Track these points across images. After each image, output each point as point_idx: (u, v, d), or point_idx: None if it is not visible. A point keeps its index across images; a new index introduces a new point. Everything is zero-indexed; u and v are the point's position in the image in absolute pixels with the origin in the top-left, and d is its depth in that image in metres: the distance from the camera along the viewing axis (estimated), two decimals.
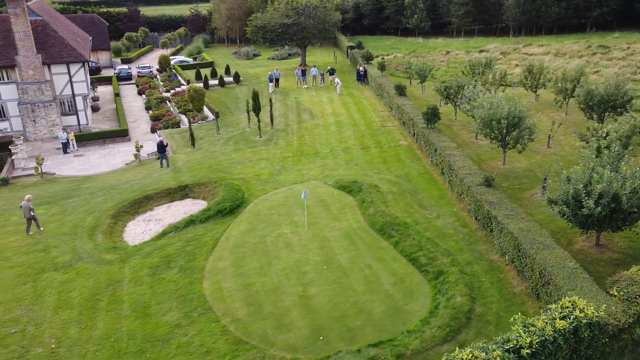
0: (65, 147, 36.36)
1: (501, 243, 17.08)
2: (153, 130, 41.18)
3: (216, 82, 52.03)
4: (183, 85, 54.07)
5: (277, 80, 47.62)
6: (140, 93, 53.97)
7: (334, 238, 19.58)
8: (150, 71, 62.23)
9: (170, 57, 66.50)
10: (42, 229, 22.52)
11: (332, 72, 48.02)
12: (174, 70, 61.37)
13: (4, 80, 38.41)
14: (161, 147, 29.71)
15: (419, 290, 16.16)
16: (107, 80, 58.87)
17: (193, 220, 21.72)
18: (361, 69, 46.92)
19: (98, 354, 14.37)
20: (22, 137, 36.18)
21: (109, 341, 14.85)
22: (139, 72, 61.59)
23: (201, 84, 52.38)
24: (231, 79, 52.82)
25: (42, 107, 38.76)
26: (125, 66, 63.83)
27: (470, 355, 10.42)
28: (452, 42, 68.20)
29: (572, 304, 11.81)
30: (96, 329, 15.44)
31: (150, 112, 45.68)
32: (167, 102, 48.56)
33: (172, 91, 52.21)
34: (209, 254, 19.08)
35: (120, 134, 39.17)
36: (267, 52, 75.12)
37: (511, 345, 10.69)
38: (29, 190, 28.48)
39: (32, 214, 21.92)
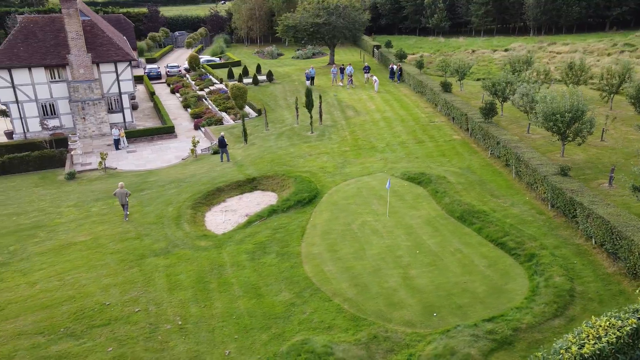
0: (117, 143, 37.37)
1: (587, 228, 18.09)
2: (196, 127, 42.20)
3: (249, 80, 53.05)
4: (216, 83, 55.09)
5: (312, 78, 48.62)
6: (173, 91, 55.03)
7: (417, 225, 20.60)
8: (179, 70, 63.24)
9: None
10: (127, 219, 23.58)
11: (367, 69, 49.12)
12: (203, 70, 62.41)
13: (55, 78, 39.38)
14: (222, 143, 30.72)
15: (514, 271, 17.17)
16: (138, 80, 59.85)
17: (275, 210, 22.74)
18: (395, 67, 47.93)
19: (225, 330, 15.38)
20: (77, 134, 37.26)
21: (231, 318, 15.86)
22: (167, 71, 62.59)
23: (235, 82, 53.50)
24: (264, 77, 53.85)
25: (92, 104, 39.74)
26: (155, 65, 64.93)
27: (607, 322, 11.43)
28: (473, 41, 69.24)
29: None
30: (215, 308, 16.45)
31: (189, 109, 46.72)
32: (203, 100, 49.58)
33: (206, 90, 53.21)
34: (300, 241, 20.09)
35: (167, 131, 40.17)
36: (289, 52, 76.14)
37: None
38: (96, 183, 29.54)
39: (127, 199, 23.10)
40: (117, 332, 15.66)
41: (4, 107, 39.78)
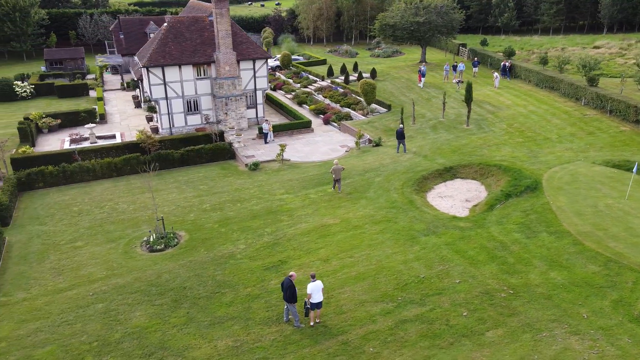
0: (266, 137, 38.91)
1: None
2: (326, 122, 43.72)
3: (354, 77, 54.58)
4: (319, 81, 56.57)
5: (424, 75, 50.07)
6: (273, 89, 56.60)
7: None
8: (269, 68, 64.87)
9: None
10: (340, 191, 26.08)
11: (476, 64, 50.69)
12: (293, 67, 63.98)
13: (200, 76, 40.94)
14: (401, 134, 32.12)
15: None
16: None
17: (509, 194, 24.20)
18: (507, 63, 49.36)
19: (561, 297, 16.82)
20: (235, 128, 38.85)
21: (558, 287, 17.29)
22: None
23: (339, 79, 55.10)
24: (367, 75, 55.36)
25: (234, 100, 41.31)
26: None
27: None
28: (551, 39, 70.40)
29: None
30: (532, 279, 17.88)
31: (306, 105, 48.27)
32: (313, 96, 51.06)
33: (310, 87, 54.75)
34: (558, 221, 21.49)
35: (305, 126, 41.68)
36: (360, 50, 77.62)
37: None
38: (284, 174, 30.94)
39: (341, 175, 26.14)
40: (455, 299, 17.13)
41: (153, 104, 41.37)
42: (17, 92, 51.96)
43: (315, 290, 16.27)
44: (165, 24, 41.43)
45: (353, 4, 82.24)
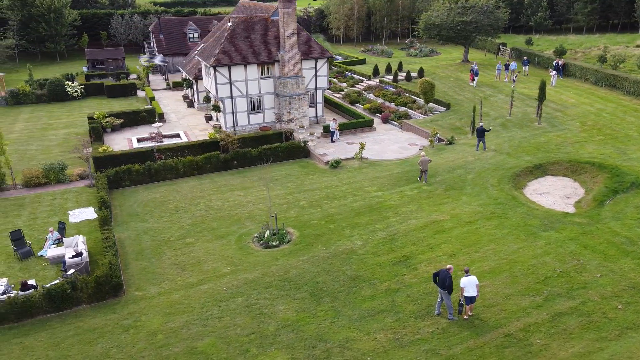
0: (332, 135, 39.14)
1: None
2: (384, 121, 43.95)
3: (403, 76, 54.83)
4: (366, 80, 56.78)
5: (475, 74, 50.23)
6: None
7: None
8: None
9: None
10: (426, 181, 27.43)
11: (526, 63, 50.89)
12: (334, 67, 64.23)
13: (263, 75, 41.19)
14: (481, 132, 32.29)
15: None
16: None
17: (616, 190, 24.40)
18: (560, 62, 49.55)
19: None
20: (305, 126, 39.10)
21: None
22: None
23: (386, 78, 55.34)
24: (415, 74, 55.60)
25: (297, 99, 41.51)
26: None
27: None
28: (588, 38, 70.44)
29: None
30: None
31: (359, 104, 48.56)
32: (364, 95, 51.32)
33: (357, 86, 55.00)
34: None
35: (367, 124, 41.86)
36: (395, 50, 77.79)
37: None
38: (367, 172, 31.09)
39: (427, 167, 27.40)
40: (604, 293, 17.34)
41: (218, 102, 41.66)
42: (69, 92, 52.33)
43: (468, 285, 16.46)
44: (230, 24, 41.68)
45: (385, 4, 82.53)
